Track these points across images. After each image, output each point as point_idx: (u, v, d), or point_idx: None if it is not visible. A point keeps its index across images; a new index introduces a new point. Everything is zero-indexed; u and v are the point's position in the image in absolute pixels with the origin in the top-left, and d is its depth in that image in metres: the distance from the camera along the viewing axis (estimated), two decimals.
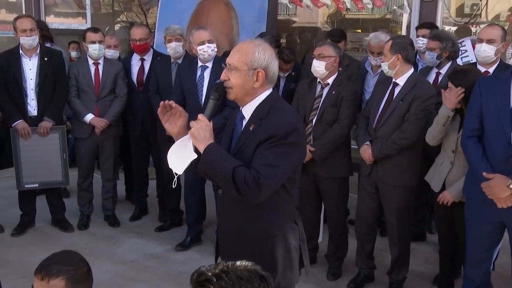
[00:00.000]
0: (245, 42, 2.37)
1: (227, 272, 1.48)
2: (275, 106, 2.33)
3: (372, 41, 4.76)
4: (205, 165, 2.23)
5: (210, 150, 2.22)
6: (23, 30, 4.66)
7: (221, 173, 2.21)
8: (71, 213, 5.31)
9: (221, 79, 2.30)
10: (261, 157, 2.22)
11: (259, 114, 2.31)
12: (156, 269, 4.43)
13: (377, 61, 4.72)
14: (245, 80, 2.29)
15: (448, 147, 3.67)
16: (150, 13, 10.15)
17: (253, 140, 2.26)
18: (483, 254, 3.32)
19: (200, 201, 4.95)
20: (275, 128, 2.23)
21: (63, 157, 4.94)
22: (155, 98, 4.93)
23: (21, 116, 4.75)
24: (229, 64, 2.29)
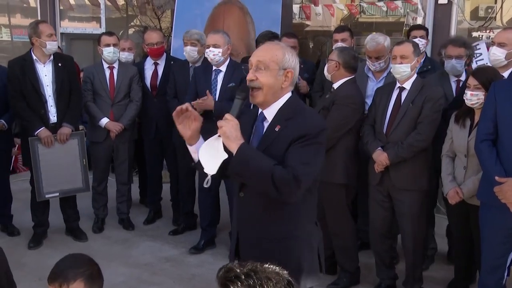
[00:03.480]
0: (272, 43, 2.39)
1: (256, 272, 1.47)
2: (300, 108, 2.37)
3: (369, 44, 4.40)
4: (239, 164, 2.19)
5: (244, 149, 2.19)
6: (49, 34, 4.61)
7: (258, 172, 2.18)
8: (86, 216, 5.35)
9: (248, 79, 2.27)
10: (296, 155, 2.23)
11: (283, 115, 2.31)
12: (170, 272, 4.45)
13: (375, 67, 4.43)
14: (275, 80, 2.29)
15: (460, 152, 3.65)
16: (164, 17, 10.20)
17: (282, 140, 2.25)
18: (498, 260, 3.29)
19: (214, 204, 4.96)
20: (308, 127, 2.27)
21: (83, 163, 4.90)
22: (173, 101, 4.94)
23: (42, 124, 4.69)
24: (259, 63, 2.27)
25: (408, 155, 3.70)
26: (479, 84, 3.48)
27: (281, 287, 1.47)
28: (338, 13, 9.03)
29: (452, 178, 3.70)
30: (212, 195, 4.88)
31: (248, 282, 1.44)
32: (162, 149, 5.41)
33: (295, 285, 1.51)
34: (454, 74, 4.26)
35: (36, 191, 4.77)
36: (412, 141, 3.68)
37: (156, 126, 5.28)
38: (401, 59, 3.68)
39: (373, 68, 4.48)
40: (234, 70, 4.58)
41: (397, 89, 3.80)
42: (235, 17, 6.68)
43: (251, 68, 2.30)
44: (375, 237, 4.05)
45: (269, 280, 1.46)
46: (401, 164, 3.73)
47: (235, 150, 2.17)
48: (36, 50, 4.69)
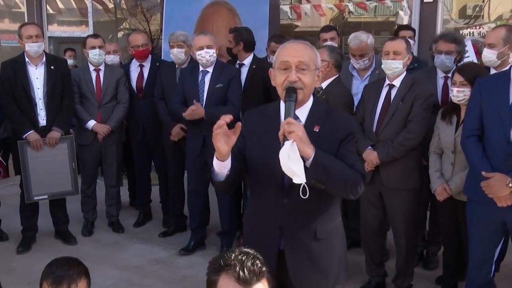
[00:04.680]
0: (301, 43, 2.32)
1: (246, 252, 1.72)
2: (329, 107, 2.39)
3: (352, 43, 4.41)
4: (319, 169, 2.10)
5: (320, 153, 2.12)
6: (28, 36, 4.59)
7: (337, 175, 2.14)
8: (75, 219, 5.33)
9: (292, 81, 2.21)
10: (351, 154, 2.27)
11: (317, 115, 2.30)
12: (161, 274, 4.44)
13: (360, 64, 4.44)
14: (313, 80, 2.28)
15: (447, 148, 3.66)
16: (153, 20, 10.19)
17: (327, 140, 2.23)
18: (485, 255, 3.31)
19: (204, 206, 4.97)
20: (350, 125, 2.33)
21: (72, 166, 4.88)
22: (160, 103, 4.97)
23: (32, 127, 4.66)
24: (301, 64, 2.22)
25: (399, 154, 3.69)
26: (464, 80, 3.49)
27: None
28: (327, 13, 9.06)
29: (440, 174, 3.71)
30: (201, 197, 4.88)
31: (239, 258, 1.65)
32: (150, 151, 5.41)
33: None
34: (443, 69, 4.25)
35: (25, 193, 4.77)
36: (402, 140, 3.67)
37: (143, 128, 5.28)
38: (394, 55, 3.66)
39: (357, 66, 4.48)
40: (221, 70, 4.57)
41: (387, 87, 3.78)
42: (224, 19, 6.69)
43: (288, 69, 2.23)
44: (366, 236, 4.05)
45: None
46: (391, 163, 3.72)
47: (311, 154, 2.09)
48: (26, 52, 4.68)
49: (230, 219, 4.80)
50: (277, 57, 2.31)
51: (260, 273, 1.66)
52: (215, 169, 2.19)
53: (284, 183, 2.29)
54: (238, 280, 1.62)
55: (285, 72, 2.24)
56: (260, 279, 1.66)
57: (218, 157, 2.15)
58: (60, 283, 2.15)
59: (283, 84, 2.24)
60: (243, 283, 1.62)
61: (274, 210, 2.34)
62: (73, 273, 2.18)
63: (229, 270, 1.63)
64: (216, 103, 4.52)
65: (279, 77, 2.26)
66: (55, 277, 2.16)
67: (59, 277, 2.16)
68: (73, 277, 2.16)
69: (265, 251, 2.33)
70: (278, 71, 2.27)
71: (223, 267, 1.65)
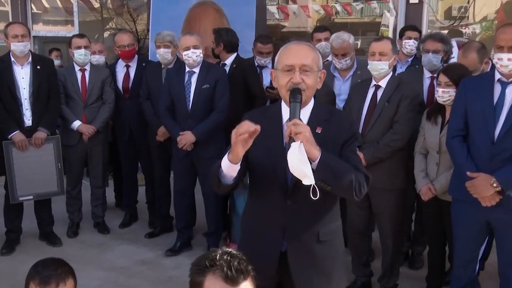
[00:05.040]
0: (304, 44, 2.32)
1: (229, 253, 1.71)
2: (330, 108, 2.41)
3: (334, 42, 4.38)
4: (325, 170, 2.10)
5: (326, 154, 2.12)
6: (14, 35, 4.55)
7: (343, 176, 2.14)
8: (61, 220, 5.28)
9: (296, 82, 2.21)
10: (354, 155, 2.30)
11: (319, 116, 2.30)
12: (147, 274, 4.42)
13: (342, 64, 4.41)
14: (315, 82, 2.28)
15: (432, 148, 3.69)
16: (139, 20, 10.15)
17: (330, 141, 2.22)
18: (470, 254, 3.35)
19: (190, 206, 4.95)
20: (352, 126, 2.37)
21: (58, 167, 4.85)
22: (146, 103, 4.96)
23: (17, 127, 4.62)
24: (304, 66, 2.22)
25: (385, 155, 3.70)
26: (449, 81, 3.51)
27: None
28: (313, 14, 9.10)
29: (425, 174, 3.73)
30: (188, 197, 4.87)
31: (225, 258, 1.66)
32: (136, 151, 5.38)
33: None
34: (430, 68, 4.27)
35: (10, 193, 4.72)
36: (388, 141, 3.68)
37: (130, 129, 5.26)
38: (380, 56, 3.67)
39: (339, 66, 4.46)
40: (208, 71, 4.56)
41: (373, 87, 3.78)
42: (211, 19, 6.68)
43: (291, 70, 2.23)
44: (353, 236, 4.07)
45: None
46: (377, 164, 3.71)
47: (318, 155, 2.08)
48: (12, 52, 4.64)
49: (216, 220, 4.79)
50: (280, 59, 2.29)
51: (247, 272, 1.67)
52: (223, 171, 2.15)
53: (287, 185, 2.28)
54: (226, 280, 1.62)
55: (289, 73, 2.23)
56: (246, 278, 1.66)
57: (234, 161, 2.10)
58: (48, 283, 2.15)
59: (286, 85, 2.23)
60: (230, 282, 1.62)
61: (277, 211, 2.32)
62: (61, 272, 2.18)
63: (216, 270, 1.63)
64: (203, 104, 4.52)
65: (283, 79, 2.25)
66: (43, 277, 2.16)
67: (47, 277, 2.16)
68: (61, 276, 2.16)
69: (266, 253, 2.35)
70: (282, 72, 2.26)
71: (209, 268, 1.64)
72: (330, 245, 2.39)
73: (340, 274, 2.46)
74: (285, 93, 2.25)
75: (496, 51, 3.08)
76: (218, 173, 2.17)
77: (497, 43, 3.07)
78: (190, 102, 4.53)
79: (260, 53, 5.00)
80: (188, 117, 4.54)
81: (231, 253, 1.70)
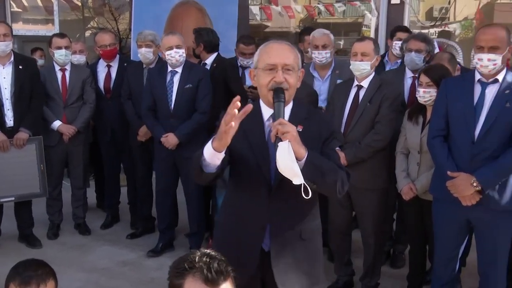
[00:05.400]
0: (285, 43, 2.32)
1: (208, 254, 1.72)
2: (309, 107, 2.42)
3: (316, 33, 4.48)
4: (312, 169, 2.10)
5: (312, 153, 2.13)
6: None
7: (328, 174, 2.16)
8: (41, 222, 5.22)
9: (279, 81, 2.20)
10: (334, 153, 2.32)
11: (299, 115, 2.30)
12: (129, 276, 4.39)
13: (322, 56, 4.39)
14: (296, 81, 2.29)
15: (413, 148, 3.71)
16: (121, 19, 10.09)
17: (310, 140, 2.21)
18: (451, 253, 3.38)
19: (172, 207, 4.93)
20: (331, 124, 2.42)
21: (41, 168, 4.80)
22: (127, 103, 4.93)
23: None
24: (286, 65, 2.23)
25: (366, 155, 3.71)
26: (431, 81, 3.54)
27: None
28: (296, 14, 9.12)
29: (406, 174, 3.76)
30: (170, 198, 4.85)
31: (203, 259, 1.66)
32: (118, 152, 5.34)
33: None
34: (412, 68, 4.30)
35: None
36: (369, 141, 3.69)
37: (112, 129, 5.22)
38: (362, 56, 3.68)
39: (319, 59, 4.44)
40: (190, 71, 4.55)
41: (355, 87, 3.80)
42: (194, 19, 6.66)
43: (274, 69, 2.22)
44: (335, 236, 4.08)
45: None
46: (359, 164, 3.73)
47: (305, 155, 2.09)
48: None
49: (198, 220, 4.77)
50: (261, 58, 2.28)
51: (227, 272, 1.66)
52: (206, 160, 2.11)
53: (271, 184, 2.28)
54: (206, 282, 1.61)
55: (271, 72, 2.23)
56: (226, 279, 1.66)
57: (219, 148, 2.04)
58: (28, 283, 2.13)
59: (268, 85, 2.23)
60: (210, 284, 1.61)
61: (260, 209, 2.32)
62: (41, 273, 2.16)
63: (196, 272, 1.63)
64: (185, 104, 4.51)
65: (264, 78, 2.24)
66: (24, 277, 2.14)
67: (28, 277, 2.14)
68: (42, 277, 2.14)
69: (247, 250, 2.34)
70: (263, 71, 2.25)
71: (188, 270, 1.63)
72: (311, 243, 2.40)
73: (319, 271, 2.48)
74: (267, 92, 2.24)
75: (476, 52, 3.10)
76: (200, 162, 2.14)
77: (477, 43, 3.09)
78: (173, 102, 4.51)
79: (242, 54, 4.99)
80: (170, 117, 4.52)
81: (210, 254, 1.69)
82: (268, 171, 2.27)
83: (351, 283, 4.15)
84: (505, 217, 3.16)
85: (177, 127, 4.49)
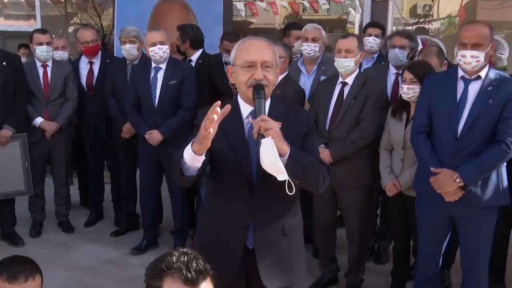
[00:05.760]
0: (263, 40, 2.30)
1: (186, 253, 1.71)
2: (286, 102, 2.42)
3: (308, 26, 4.59)
4: (295, 165, 2.11)
5: (294, 149, 2.13)
6: None
7: (310, 169, 2.17)
8: (23, 220, 5.17)
9: (258, 79, 2.19)
10: (314, 148, 2.33)
11: (277, 111, 2.28)
12: (112, 273, 4.36)
13: (311, 49, 4.47)
14: (275, 77, 2.28)
15: (397, 145, 3.73)
16: (105, 15, 10.01)
17: (289, 135, 2.18)
18: (434, 248, 3.40)
19: (156, 204, 4.91)
20: (309, 119, 2.39)
21: (25, 165, 4.75)
22: (110, 100, 4.89)
23: None
24: (265, 62, 2.22)
25: (351, 152, 3.72)
26: (414, 78, 3.55)
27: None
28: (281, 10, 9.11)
29: (390, 170, 3.77)
30: (154, 195, 4.82)
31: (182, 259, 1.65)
32: (102, 149, 5.30)
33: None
34: (396, 64, 4.34)
35: None
36: (354, 138, 3.70)
37: (95, 126, 5.17)
38: (346, 53, 3.69)
39: (307, 52, 4.49)
40: (174, 67, 4.53)
41: (339, 84, 3.81)
42: (177, 15, 6.62)
43: (252, 66, 2.21)
44: (319, 232, 4.09)
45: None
46: (344, 161, 3.74)
47: (287, 151, 2.09)
48: None
49: (183, 217, 4.75)
50: (239, 55, 2.26)
51: (206, 271, 1.65)
52: (186, 163, 2.10)
53: (253, 182, 2.27)
54: (186, 282, 1.59)
55: (250, 69, 2.21)
56: (205, 278, 1.64)
57: (199, 152, 2.03)
58: (16, 278, 2.13)
59: (247, 82, 2.22)
60: (190, 284, 1.59)
61: (243, 207, 2.30)
62: (29, 268, 2.16)
63: (175, 273, 1.60)
64: (169, 101, 4.49)
65: (243, 75, 2.23)
66: (11, 272, 2.13)
67: (15, 272, 2.13)
68: (30, 272, 2.14)
69: (230, 251, 2.33)
70: (242, 68, 2.23)
71: (166, 271, 1.61)
72: (293, 238, 2.41)
73: (301, 265, 2.49)
74: (246, 89, 2.23)
75: (459, 48, 3.12)
76: (180, 166, 2.13)
77: (460, 40, 3.11)
78: (157, 98, 4.49)
79: (227, 51, 4.97)
80: (154, 113, 4.50)
81: (188, 253, 1.67)
82: (249, 169, 2.26)
83: (335, 279, 4.17)
84: (487, 213, 3.18)
85: (161, 123, 4.47)
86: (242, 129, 2.29)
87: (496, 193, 3.14)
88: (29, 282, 2.14)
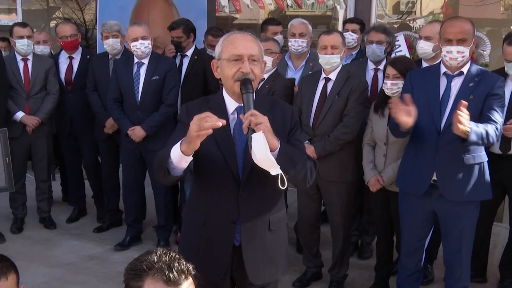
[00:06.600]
0: (249, 35, 2.28)
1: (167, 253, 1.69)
2: (270, 97, 2.41)
3: (295, 22, 4.57)
4: (285, 159, 2.10)
5: (284, 143, 2.15)
6: None
7: (300, 164, 2.18)
8: (4, 216, 5.13)
9: (246, 72, 2.17)
10: (300, 143, 2.35)
11: (262, 106, 2.24)
12: (95, 270, 4.33)
13: (298, 45, 4.47)
14: (261, 72, 2.28)
15: (379, 140, 3.74)
16: (87, 10, 9.90)
17: (275, 130, 2.15)
18: (416, 243, 3.42)
19: (139, 200, 4.87)
20: (294, 113, 2.38)
21: (6, 161, 4.65)
22: (92, 95, 4.84)
23: None
24: (252, 56, 2.20)
25: (335, 148, 3.73)
26: (398, 73, 3.56)
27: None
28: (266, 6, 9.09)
29: (373, 166, 3.79)
30: (137, 191, 4.79)
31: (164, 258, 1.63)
32: (78, 145, 5.24)
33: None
34: (374, 59, 4.36)
35: None
36: (338, 134, 3.71)
37: (71, 122, 5.11)
38: (332, 49, 3.69)
39: (295, 47, 4.49)
40: (157, 62, 4.50)
41: (323, 80, 3.81)
42: (159, 9, 6.56)
43: (239, 60, 2.19)
44: (303, 227, 4.10)
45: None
46: (328, 157, 3.75)
47: (277, 145, 2.10)
48: None
49: (166, 213, 4.73)
50: (226, 48, 2.23)
51: (188, 271, 1.63)
52: (173, 162, 2.08)
53: (239, 178, 2.25)
54: (168, 282, 1.56)
55: (236, 63, 2.20)
56: (187, 278, 1.62)
57: (187, 152, 2.02)
58: None
59: (234, 76, 2.20)
60: (172, 284, 1.57)
61: (230, 204, 2.28)
62: (1, 267, 2.10)
63: (156, 273, 1.57)
64: (152, 96, 4.47)
65: (230, 69, 2.21)
66: None
67: None
68: (2, 271, 2.08)
69: (219, 249, 2.31)
70: (228, 62, 2.21)
71: (147, 271, 1.58)
72: (278, 233, 2.42)
73: (285, 259, 2.50)
74: (233, 84, 2.21)
75: (444, 45, 3.11)
76: (167, 165, 2.10)
77: (445, 36, 3.11)
78: (139, 93, 4.47)
79: (211, 46, 4.94)
80: (137, 109, 4.47)
81: (169, 253, 1.65)
82: (235, 165, 2.24)
83: (319, 274, 4.18)
84: (469, 208, 3.21)
85: (144, 119, 4.43)
86: (227, 125, 2.25)
87: (477, 187, 3.16)
88: (1, 281, 2.08)
